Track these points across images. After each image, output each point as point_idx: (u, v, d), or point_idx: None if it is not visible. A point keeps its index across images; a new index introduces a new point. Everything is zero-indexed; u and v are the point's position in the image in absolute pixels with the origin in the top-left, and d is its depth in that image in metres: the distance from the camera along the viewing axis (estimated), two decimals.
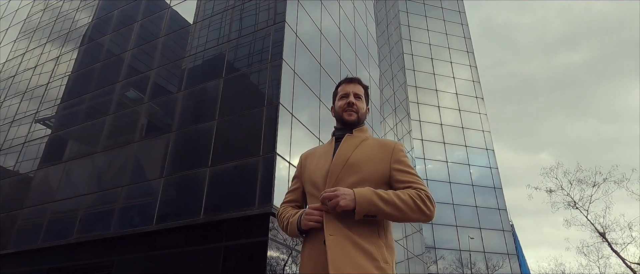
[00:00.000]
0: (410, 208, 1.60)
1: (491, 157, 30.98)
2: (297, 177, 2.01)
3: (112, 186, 12.60)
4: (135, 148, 13.03)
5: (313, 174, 1.85)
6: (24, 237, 13.60)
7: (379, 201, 1.57)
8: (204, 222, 10.25)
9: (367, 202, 1.56)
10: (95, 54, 17.10)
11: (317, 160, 1.89)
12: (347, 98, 1.93)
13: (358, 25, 19.42)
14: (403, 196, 1.62)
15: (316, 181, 1.80)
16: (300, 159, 2.04)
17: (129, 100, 14.73)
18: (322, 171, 1.80)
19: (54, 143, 15.63)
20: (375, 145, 1.83)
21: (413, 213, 1.60)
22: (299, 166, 2.01)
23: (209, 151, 11.25)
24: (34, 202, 14.27)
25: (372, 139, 1.89)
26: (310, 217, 1.66)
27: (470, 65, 34.70)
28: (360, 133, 1.91)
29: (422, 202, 1.62)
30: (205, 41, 14.08)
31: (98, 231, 12.03)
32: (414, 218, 1.63)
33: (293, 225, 1.76)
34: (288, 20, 12.60)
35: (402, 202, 1.60)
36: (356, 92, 1.95)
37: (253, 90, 12.02)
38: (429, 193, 1.67)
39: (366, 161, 1.76)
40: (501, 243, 28.47)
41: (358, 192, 1.58)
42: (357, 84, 1.99)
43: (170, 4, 16.13)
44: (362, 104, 1.96)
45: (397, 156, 1.78)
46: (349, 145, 1.84)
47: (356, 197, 1.56)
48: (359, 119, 1.94)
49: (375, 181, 1.72)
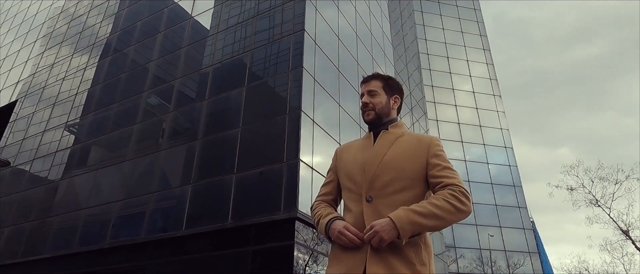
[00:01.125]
0: (449, 212, 1.59)
1: (510, 155, 30.78)
2: (332, 170, 2.01)
3: (142, 193, 13.11)
4: (162, 155, 13.52)
5: (350, 167, 1.86)
6: (58, 242, 14.24)
7: (419, 218, 1.57)
8: (232, 227, 10.64)
9: (408, 223, 1.55)
10: (121, 64, 17.71)
11: (354, 154, 1.89)
12: (362, 99, 1.96)
13: (373, 27, 19.62)
14: (438, 202, 1.60)
15: (353, 175, 1.82)
16: (335, 152, 2.05)
17: (152, 107, 15.26)
18: (359, 165, 1.81)
19: (84, 151, 16.27)
20: (412, 141, 1.83)
21: (453, 216, 1.60)
22: (334, 159, 2.03)
23: (234, 158, 11.64)
24: (67, 209, 14.91)
25: (408, 134, 1.88)
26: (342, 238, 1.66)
27: (487, 62, 34.50)
28: (396, 129, 1.90)
29: (457, 201, 1.61)
30: (226, 50, 14.50)
31: (129, 236, 12.55)
32: (456, 220, 1.62)
33: (321, 228, 1.78)
34: (307, 28, 12.91)
35: (440, 209, 1.59)
36: (370, 90, 1.94)
37: (275, 97, 12.37)
38: (463, 188, 1.66)
39: (402, 158, 1.77)
40: (522, 241, 28.29)
41: (396, 217, 1.57)
42: (371, 81, 1.97)
43: (192, 14, 16.61)
44: (379, 98, 1.93)
45: (433, 151, 1.78)
46: (385, 141, 1.84)
47: (397, 224, 1.55)
48: (378, 115, 1.92)
49: (411, 177, 1.74)
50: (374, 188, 1.74)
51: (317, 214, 1.88)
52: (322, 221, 1.79)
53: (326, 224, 1.75)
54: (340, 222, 1.71)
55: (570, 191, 20.37)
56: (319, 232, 1.81)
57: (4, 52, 26.83)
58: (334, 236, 1.69)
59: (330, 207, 1.93)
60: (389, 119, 1.94)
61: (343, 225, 1.69)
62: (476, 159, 30.45)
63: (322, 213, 1.84)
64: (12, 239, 15.70)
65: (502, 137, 31.51)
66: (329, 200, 1.97)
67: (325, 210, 1.87)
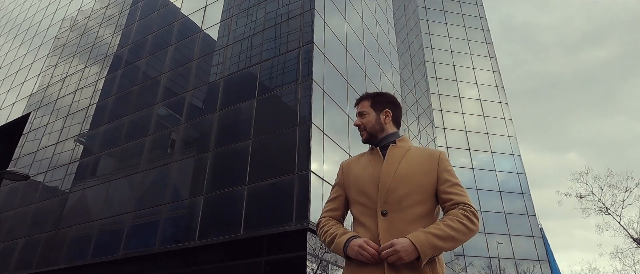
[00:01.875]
0: (463, 233, 1.65)
1: (518, 162, 30.72)
2: (338, 185, 2.01)
3: (154, 204, 13.32)
4: (175, 167, 13.75)
5: (361, 182, 1.86)
6: (72, 253, 14.46)
7: (438, 241, 1.61)
8: (244, 238, 10.79)
9: (429, 247, 1.59)
10: (132, 76, 18.03)
11: (364, 168, 1.90)
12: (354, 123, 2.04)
13: (380, 36, 19.84)
14: (454, 224, 1.65)
15: (366, 190, 1.83)
16: (341, 167, 2.04)
17: (162, 118, 15.53)
18: (371, 179, 1.83)
19: (96, 163, 16.55)
20: (422, 155, 1.87)
21: (466, 237, 1.66)
22: (340, 174, 2.02)
23: (246, 170, 11.82)
24: (80, 220, 15.15)
25: (416, 148, 1.93)
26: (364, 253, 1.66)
27: (493, 70, 34.57)
28: (403, 143, 1.94)
29: (469, 221, 1.67)
30: (235, 62, 14.75)
31: (143, 247, 12.74)
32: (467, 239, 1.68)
33: (339, 247, 1.76)
34: (315, 40, 13.14)
35: (455, 231, 1.64)
36: (360, 111, 2.02)
37: (285, 110, 12.57)
38: (474, 208, 1.72)
39: (415, 172, 1.80)
40: (531, 248, 28.14)
41: (416, 240, 1.60)
42: (360, 102, 2.05)
43: (202, 28, 16.92)
44: (368, 117, 1.99)
45: (444, 165, 1.83)
46: (395, 156, 1.87)
47: (418, 247, 1.58)
48: (371, 133, 1.97)
49: (423, 191, 1.78)
50: (389, 202, 1.75)
51: (329, 232, 1.86)
52: (339, 240, 1.78)
53: (345, 243, 1.73)
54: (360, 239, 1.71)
55: (580, 198, 20.30)
56: (333, 250, 1.80)
57: (15, 66, 27.33)
58: (354, 252, 1.68)
59: (341, 224, 1.94)
60: (386, 134, 1.97)
61: (364, 240, 1.69)
62: (484, 166, 30.42)
63: (337, 232, 1.82)
64: (27, 250, 15.95)
65: (510, 145, 31.48)
66: (337, 216, 1.97)
67: (340, 228, 1.86)
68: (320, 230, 1.93)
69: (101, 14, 23.25)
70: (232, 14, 16.17)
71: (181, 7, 18.61)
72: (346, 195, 1.95)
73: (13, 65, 27.64)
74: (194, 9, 17.79)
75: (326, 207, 2.01)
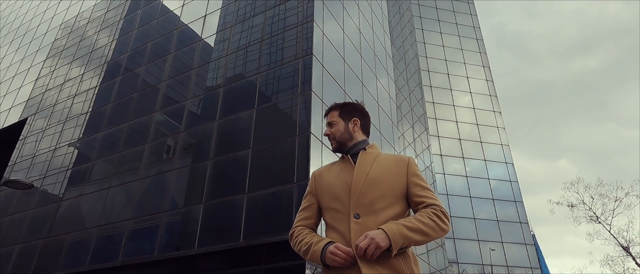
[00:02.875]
0: (433, 229, 1.72)
1: (510, 170, 31.16)
2: (310, 194, 2.04)
3: (154, 212, 13.44)
4: (174, 175, 13.89)
5: (333, 188, 1.90)
6: (71, 260, 14.51)
7: (408, 232, 1.68)
8: (244, 246, 10.96)
9: (399, 236, 1.66)
10: (131, 84, 18.17)
11: (336, 176, 1.94)
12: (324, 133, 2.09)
13: (376, 45, 20.16)
14: (424, 219, 1.73)
15: (339, 195, 1.86)
16: (313, 176, 2.08)
17: (161, 125, 15.67)
18: (343, 185, 1.87)
19: (94, 170, 16.63)
20: (391, 160, 1.94)
21: (435, 233, 1.73)
22: (312, 183, 2.05)
23: (246, 178, 12.01)
24: (78, 227, 15.21)
25: (384, 155, 1.99)
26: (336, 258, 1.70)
27: (487, 79, 35.10)
28: (372, 150, 2.01)
29: (440, 220, 1.75)
30: (236, 72, 14.97)
31: (142, 254, 12.85)
32: (437, 237, 1.75)
33: (316, 255, 1.78)
34: (315, 52, 13.40)
35: (426, 226, 1.71)
36: (329, 121, 2.08)
37: (284, 119, 12.80)
38: (443, 208, 1.79)
39: (385, 176, 1.86)
40: (524, 256, 28.50)
41: (387, 229, 1.67)
42: (329, 113, 2.11)
43: (202, 37, 17.13)
44: (337, 126, 2.05)
45: (413, 170, 1.89)
46: (366, 161, 1.93)
47: (389, 235, 1.65)
48: (340, 142, 2.03)
49: (395, 194, 1.84)
50: (361, 205, 1.79)
51: (304, 242, 1.88)
52: (315, 248, 1.80)
53: (322, 251, 1.76)
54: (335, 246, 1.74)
55: (571, 207, 20.72)
56: (310, 259, 1.81)
57: (12, 70, 27.31)
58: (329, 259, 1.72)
59: (314, 232, 1.96)
60: (355, 142, 2.03)
61: (334, 245, 1.73)
62: (477, 174, 30.80)
63: (312, 240, 1.84)
64: (24, 256, 15.96)
65: (503, 153, 31.93)
66: (310, 224, 1.99)
67: (314, 237, 1.88)
68: (294, 240, 1.94)
69: (99, 20, 23.38)
70: (232, 24, 16.41)
71: (181, 15, 18.82)
72: (319, 203, 1.98)
73: (10, 70, 27.62)
74: (194, 18, 18.01)
75: (299, 216, 2.02)
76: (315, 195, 2.00)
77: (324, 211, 1.94)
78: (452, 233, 27.64)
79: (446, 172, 30.15)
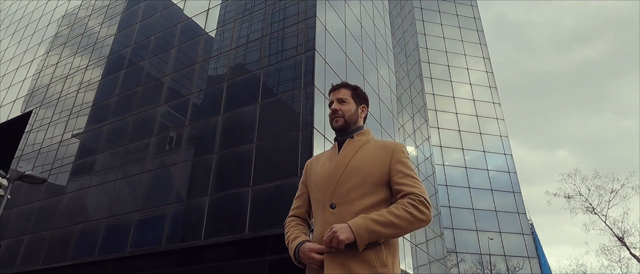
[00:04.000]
0: (407, 221, 1.63)
1: (509, 161, 31.53)
2: (302, 183, 2.05)
3: (161, 203, 13.78)
4: (180, 168, 14.19)
5: (318, 178, 1.88)
6: (80, 250, 14.89)
7: (376, 226, 1.60)
8: (249, 237, 11.31)
9: (365, 230, 1.59)
10: (135, 77, 18.38)
11: (322, 165, 1.92)
12: (331, 106, 1.99)
13: (377, 38, 20.33)
14: (397, 211, 1.64)
15: (320, 185, 1.84)
16: (306, 166, 2.07)
17: (165, 119, 15.94)
18: (325, 174, 1.85)
19: (101, 162, 16.93)
20: (377, 147, 1.87)
21: (411, 225, 1.64)
22: (304, 173, 2.05)
23: (250, 172, 12.31)
24: (86, 218, 15.57)
25: (375, 141, 1.92)
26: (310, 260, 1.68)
27: (487, 70, 35.29)
28: (362, 136, 1.94)
29: (416, 210, 1.65)
30: (239, 66, 15.18)
31: (150, 245, 13.21)
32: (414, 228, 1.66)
33: (291, 252, 1.78)
34: (317, 47, 13.61)
35: (398, 218, 1.63)
36: (340, 98, 1.98)
37: (288, 114, 13.06)
38: (423, 197, 1.69)
39: (366, 164, 1.80)
40: (521, 245, 29.02)
41: (353, 224, 1.61)
42: (340, 89, 2.01)
43: (205, 30, 17.30)
44: (349, 105, 1.97)
45: (397, 157, 1.81)
46: (350, 149, 1.88)
47: (353, 230, 1.58)
48: (347, 122, 1.95)
49: (374, 183, 1.77)
50: (338, 195, 1.76)
51: (286, 235, 1.90)
52: (290, 245, 1.80)
53: (295, 249, 1.75)
54: (306, 245, 1.72)
55: (568, 199, 21.09)
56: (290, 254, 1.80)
57: (15, 63, 27.46)
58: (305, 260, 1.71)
59: (300, 226, 1.95)
60: (356, 127, 1.97)
61: (308, 247, 1.70)
62: (476, 165, 31.18)
63: (291, 236, 1.84)
64: (33, 246, 16.34)
65: (502, 144, 32.27)
66: (301, 213, 2.00)
67: (295, 232, 1.87)
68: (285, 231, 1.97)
69: (101, 12, 23.48)
70: (235, 18, 16.57)
71: (184, 8, 18.95)
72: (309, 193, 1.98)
73: (12, 63, 27.76)
74: (197, 11, 18.15)
75: (293, 205, 2.04)
76: (306, 185, 2.01)
77: (312, 201, 1.94)
78: (451, 223, 28.09)
79: (446, 163, 30.51)
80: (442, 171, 30.14)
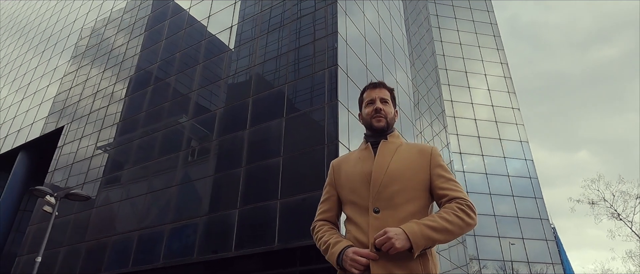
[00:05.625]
0: (459, 226, 1.63)
1: (530, 167, 31.34)
2: (329, 185, 1.97)
3: (192, 216, 14.31)
4: (209, 181, 14.73)
5: (351, 180, 1.83)
6: (115, 262, 15.52)
7: (431, 233, 1.59)
8: (279, 249, 11.72)
9: (421, 238, 1.57)
10: (163, 92, 19.08)
11: (354, 166, 1.87)
12: (374, 104, 1.92)
13: (395, 48, 20.65)
14: (449, 216, 1.64)
15: (357, 188, 1.79)
16: (332, 167, 2.00)
17: (192, 132, 16.52)
18: (362, 177, 1.79)
19: (132, 175, 17.60)
20: (413, 151, 1.84)
21: (462, 230, 1.64)
22: (331, 173, 1.98)
23: (278, 185, 12.75)
24: (120, 230, 16.22)
25: (407, 144, 1.89)
26: (355, 264, 1.61)
27: (505, 76, 35.22)
28: (394, 139, 1.90)
29: (466, 215, 1.65)
30: (264, 81, 15.69)
31: (182, 256, 13.74)
32: (463, 233, 1.67)
33: (333, 257, 1.71)
34: (339, 62, 14.02)
35: (450, 224, 1.62)
36: (382, 97, 1.94)
37: (313, 128, 13.47)
38: (469, 202, 1.70)
39: (407, 168, 1.77)
40: (544, 251, 28.76)
41: (409, 230, 1.58)
42: (382, 89, 1.97)
43: (229, 46, 17.90)
44: (389, 108, 1.94)
45: (436, 161, 1.80)
46: (387, 152, 1.84)
47: (410, 237, 1.56)
48: (388, 124, 1.92)
49: (416, 188, 1.75)
50: (381, 199, 1.72)
51: (322, 240, 1.82)
52: (333, 250, 1.73)
53: (338, 255, 1.69)
54: (351, 249, 1.67)
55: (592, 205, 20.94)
56: (328, 260, 1.76)
57: (44, 80, 28.59)
58: (348, 265, 1.64)
59: (335, 230, 1.89)
60: (391, 130, 1.94)
61: (353, 251, 1.65)
62: (496, 171, 31.08)
63: (331, 241, 1.77)
64: (70, 258, 17.06)
65: (522, 150, 32.10)
66: (330, 217, 1.94)
67: (332, 236, 1.81)
68: (315, 236, 1.90)
69: (128, 30, 24.36)
70: (258, 35, 17.12)
71: (208, 25, 19.62)
72: (338, 195, 1.92)
73: (43, 80, 28.89)
74: (221, 28, 18.78)
75: (319, 209, 1.97)
76: (335, 186, 1.94)
77: (344, 204, 1.88)
78: (472, 230, 28.07)
79: (465, 170, 30.51)
80: (462, 178, 30.15)
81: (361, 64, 16.06)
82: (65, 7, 33.19)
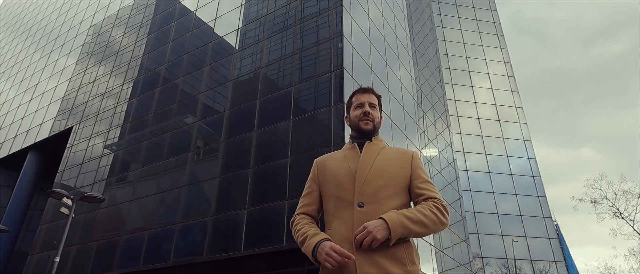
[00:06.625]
0: (433, 222, 1.74)
1: (533, 165, 31.56)
2: (312, 180, 2.07)
3: (201, 216, 14.63)
4: (217, 182, 15.03)
5: (337, 175, 1.91)
6: (125, 260, 15.87)
7: (408, 223, 1.69)
8: (287, 249, 12.01)
9: (399, 225, 1.67)
10: (171, 93, 19.38)
11: (340, 163, 1.96)
12: (363, 108, 2.03)
13: (399, 49, 20.89)
14: (425, 211, 1.74)
15: (343, 183, 1.87)
16: (316, 163, 2.11)
17: (200, 133, 16.82)
18: (348, 173, 1.88)
19: (141, 176, 17.94)
20: (396, 152, 1.98)
21: (435, 226, 1.74)
22: (314, 170, 2.09)
23: (285, 186, 13.04)
24: (130, 229, 16.56)
25: (389, 147, 2.02)
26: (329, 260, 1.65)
27: (508, 75, 35.39)
28: (378, 142, 2.02)
29: (441, 214, 1.76)
30: (271, 83, 15.97)
31: (192, 255, 14.06)
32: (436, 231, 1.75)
33: (309, 248, 1.76)
34: (345, 65, 14.28)
35: (426, 218, 1.73)
36: (371, 102, 2.05)
37: (320, 130, 13.75)
38: (444, 202, 1.81)
39: (391, 166, 1.90)
40: (547, 249, 29.01)
41: (388, 218, 1.68)
42: (371, 94, 2.09)
43: (236, 48, 18.17)
44: (376, 113, 2.06)
45: (417, 163, 1.94)
46: (372, 151, 1.95)
47: (389, 224, 1.65)
48: (375, 128, 2.03)
49: (398, 185, 1.87)
50: (366, 194, 1.81)
51: (301, 232, 1.87)
52: (309, 241, 1.77)
53: (314, 247, 1.73)
54: (327, 243, 1.71)
55: (594, 204, 21.15)
56: (304, 251, 1.80)
57: (52, 80, 28.94)
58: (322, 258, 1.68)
59: (314, 224, 1.95)
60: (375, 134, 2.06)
61: (330, 246, 1.68)
62: (499, 170, 31.31)
63: (309, 233, 1.82)
64: (81, 257, 17.43)
65: (525, 148, 32.31)
66: (311, 211, 2.00)
67: (312, 229, 1.86)
68: (293, 229, 1.95)
69: (134, 30, 24.66)
70: (264, 37, 17.38)
71: (214, 27, 19.89)
72: (320, 190, 2.00)
73: (51, 81, 29.25)
74: (228, 31, 19.05)
75: (300, 202, 2.05)
76: (317, 182, 2.03)
77: (326, 199, 1.95)
78: (475, 228, 28.31)
79: (469, 169, 30.74)
80: (466, 176, 30.39)
81: (365, 64, 16.31)
82: (72, 7, 33.53)
